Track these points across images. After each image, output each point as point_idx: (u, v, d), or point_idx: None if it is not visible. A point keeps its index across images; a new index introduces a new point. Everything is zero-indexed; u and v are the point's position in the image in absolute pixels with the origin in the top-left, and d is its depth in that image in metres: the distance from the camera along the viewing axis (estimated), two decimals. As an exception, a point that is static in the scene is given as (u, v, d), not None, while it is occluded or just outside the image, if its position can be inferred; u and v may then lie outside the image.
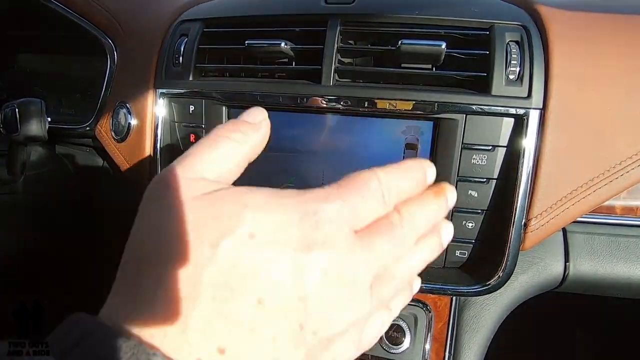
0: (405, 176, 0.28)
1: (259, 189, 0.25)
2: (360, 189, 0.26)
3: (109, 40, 0.70)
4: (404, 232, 0.26)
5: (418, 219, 0.27)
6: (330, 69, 0.52)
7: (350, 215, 0.25)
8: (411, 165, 0.29)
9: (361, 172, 0.27)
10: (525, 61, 0.49)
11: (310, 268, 0.23)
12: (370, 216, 0.26)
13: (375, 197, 0.26)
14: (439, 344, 0.56)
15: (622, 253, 0.57)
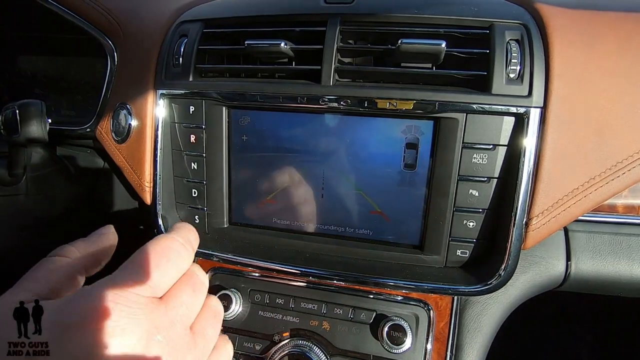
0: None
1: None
2: (141, 263, 0.33)
3: (109, 41, 0.70)
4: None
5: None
6: (330, 69, 0.51)
7: (140, 287, 0.31)
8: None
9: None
10: (526, 60, 0.49)
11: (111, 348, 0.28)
12: (162, 280, 0.33)
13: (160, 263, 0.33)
14: (441, 344, 0.56)
15: (624, 251, 0.56)
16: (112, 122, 0.65)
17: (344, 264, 0.56)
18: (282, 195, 0.57)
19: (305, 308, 0.58)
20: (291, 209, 0.58)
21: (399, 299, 0.57)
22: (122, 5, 0.71)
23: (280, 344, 0.57)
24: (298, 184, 0.56)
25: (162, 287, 0.32)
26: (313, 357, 0.55)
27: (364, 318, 0.56)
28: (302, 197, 0.57)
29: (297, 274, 0.56)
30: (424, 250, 0.54)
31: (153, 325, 0.30)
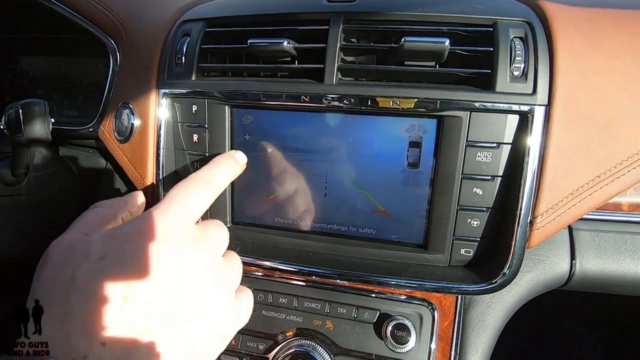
0: (217, 166, 0.45)
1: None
2: (184, 188, 0.40)
3: (112, 41, 0.70)
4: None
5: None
6: (333, 68, 0.51)
7: (183, 208, 0.37)
8: (220, 157, 0.47)
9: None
10: (530, 57, 0.48)
11: (161, 252, 0.33)
12: (201, 204, 0.39)
13: (197, 189, 0.40)
14: (445, 343, 0.55)
15: (630, 250, 0.56)
16: (114, 121, 0.65)
17: (348, 263, 0.55)
18: (285, 194, 0.57)
19: (308, 307, 0.58)
20: (294, 208, 0.58)
21: (402, 298, 0.57)
22: (124, 5, 0.71)
23: (284, 343, 0.57)
24: (301, 183, 0.56)
25: (197, 212, 0.39)
26: (317, 356, 0.55)
27: (368, 317, 0.56)
28: (305, 197, 0.57)
29: (300, 273, 0.56)
30: (428, 249, 0.54)
31: (194, 237, 0.36)
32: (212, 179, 0.42)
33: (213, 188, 0.42)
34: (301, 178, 0.56)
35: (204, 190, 0.40)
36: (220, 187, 0.43)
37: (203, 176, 0.42)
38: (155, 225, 0.34)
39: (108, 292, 0.30)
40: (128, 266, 0.32)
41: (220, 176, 0.44)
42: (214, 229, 0.40)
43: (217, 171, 0.44)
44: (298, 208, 0.57)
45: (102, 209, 0.41)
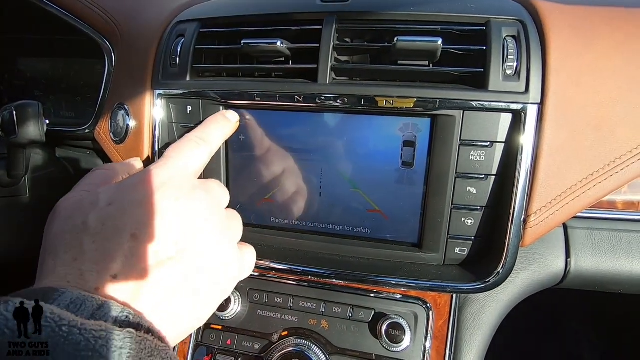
0: (209, 125, 0.48)
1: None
2: (179, 146, 0.43)
3: (107, 42, 0.70)
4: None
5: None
6: (327, 67, 0.51)
7: (180, 163, 0.40)
8: (212, 117, 0.51)
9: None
10: (523, 56, 0.48)
11: (162, 199, 0.35)
12: (196, 160, 0.43)
13: (191, 147, 0.43)
14: (440, 342, 0.56)
15: (624, 248, 0.56)
16: (110, 122, 0.65)
17: (343, 263, 0.56)
18: (279, 194, 0.57)
19: (303, 307, 0.58)
20: (289, 208, 0.58)
21: (397, 297, 0.57)
22: (119, 6, 0.71)
23: (279, 343, 0.57)
24: (296, 183, 0.56)
25: (192, 169, 0.42)
26: (312, 356, 0.55)
27: (363, 317, 0.56)
28: (299, 196, 0.57)
29: (295, 272, 0.56)
30: (423, 248, 0.54)
31: (192, 188, 0.38)
32: (205, 137, 0.45)
33: (207, 145, 0.44)
34: (296, 178, 0.56)
35: (198, 148, 0.43)
36: (214, 145, 0.46)
37: (197, 135, 0.44)
38: (154, 177, 0.37)
39: (118, 231, 0.32)
40: (135, 210, 0.34)
41: (213, 134, 0.46)
42: (213, 184, 0.41)
43: (210, 130, 0.46)
44: (293, 208, 0.58)
45: (103, 170, 0.43)
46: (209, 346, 0.60)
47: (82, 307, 0.28)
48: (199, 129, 0.47)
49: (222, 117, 0.50)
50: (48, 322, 0.25)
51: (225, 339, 0.59)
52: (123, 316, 0.29)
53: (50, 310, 0.25)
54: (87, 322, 0.26)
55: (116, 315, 0.28)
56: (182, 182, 0.38)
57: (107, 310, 0.28)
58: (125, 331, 0.27)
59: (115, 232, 0.32)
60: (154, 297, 0.32)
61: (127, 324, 0.28)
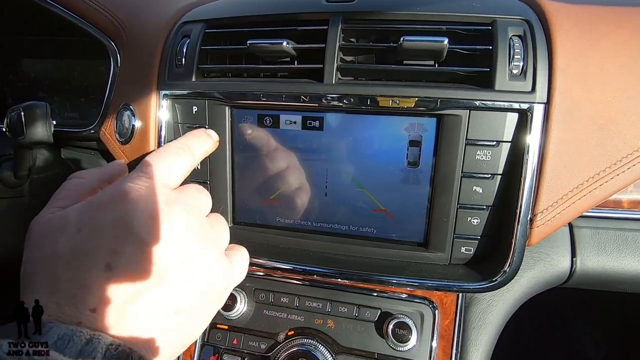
0: (192, 136, 0.45)
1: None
2: (157, 154, 0.39)
3: (112, 43, 0.70)
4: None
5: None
6: (333, 67, 0.51)
7: (156, 173, 0.36)
8: (193, 131, 0.47)
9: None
10: (529, 55, 0.48)
11: (135, 219, 0.33)
12: (176, 169, 0.39)
13: (171, 155, 0.39)
14: (446, 341, 0.56)
15: (630, 247, 0.56)
16: (115, 123, 0.65)
17: (348, 262, 0.56)
18: (285, 194, 0.57)
19: (309, 307, 0.58)
20: (295, 207, 0.58)
21: (403, 296, 0.57)
22: (124, 7, 0.71)
23: (286, 342, 0.57)
24: (301, 182, 0.56)
25: (173, 178, 0.39)
26: (318, 355, 0.55)
27: (369, 316, 0.56)
28: (305, 196, 0.57)
29: (301, 272, 0.56)
30: (429, 248, 0.54)
31: (168, 200, 0.35)
32: (185, 146, 0.42)
33: (187, 155, 0.41)
34: (301, 178, 0.56)
35: (178, 157, 0.40)
36: (194, 156, 0.42)
37: (176, 144, 0.41)
38: (127, 191, 0.34)
39: (90, 262, 0.31)
40: (105, 236, 0.32)
41: (194, 145, 0.43)
42: (191, 191, 0.39)
43: (190, 141, 0.43)
44: (299, 208, 0.58)
45: (78, 180, 0.41)
46: (215, 346, 0.60)
47: (70, 343, 0.27)
48: (179, 139, 0.43)
49: (202, 132, 0.47)
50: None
51: (232, 338, 0.60)
52: (112, 348, 0.28)
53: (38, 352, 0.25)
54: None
55: (105, 348, 0.28)
56: (158, 197, 0.35)
57: (95, 344, 0.27)
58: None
59: (87, 261, 0.31)
60: (139, 325, 0.31)
61: (117, 357, 0.28)
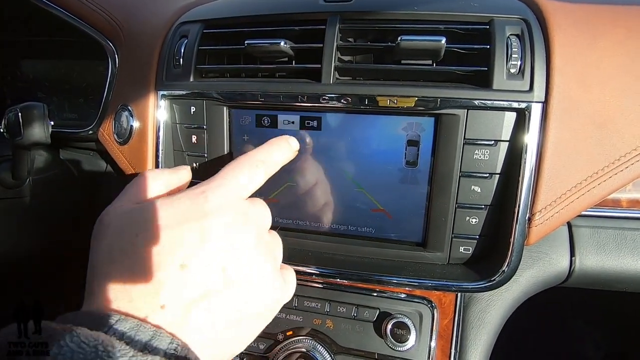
0: (271, 147, 0.44)
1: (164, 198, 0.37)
2: (236, 166, 0.39)
3: (110, 43, 0.70)
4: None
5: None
6: (330, 67, 0.51)
7: (234, 185, 0.38)
8: (275, 140, 0.45)
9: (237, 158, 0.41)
10: (526, 54, 0.48)
11: (212, 226, 0.34)
12: (251, 183, 0.40)
13: (249, 168, 0.40)
14: (445, 341, 0.56)
15: (629, 246, 0.56)
16: (114, 123, 0.65)
17: (347, 262, 0.56)
18: (283, 194, 0.57)
19: (308, 307, 0.58)
20: (293, 208, 0.58)
21: (402, 296, 0.57)
22: (122, 8, 0.71)
23: (284, 342, 0.57)
24: (299, 183, 0.56)
25: (247, 192, 0.40)
26: (317, 355, 0.55)
27: (368, 316, 0.56)
28: (303, 196, 0.57)
29: (299, 272, 0.56)
30: (427, 248, 0.54)
31: (244, 213, 0.37)
32: (265, 159, 0.42)
33: (266, 168, 0.42)
34: (299, 178, 0.56)
35: (257, 170, 0.41)
36: (272, 169, 0.43)
37: (257, 156, 0.42)
38: (209, 199, 0.35)
39: (167, 259, 0.32)
40: (185, 238, 0.33)
41: (273, 158, 0.44)
42: (261, 207, 0.41)
43: (270, 152, 0.44)
44: (297, 208, 0.58)
45: (151, 179, 0.41)
46: (213, 346, 0.60)
47: (135, 337, 0.28)
48: (260, 150, 0.43)
49: (284, 142, 0.46)
50: (110, 358, 0.25)
51: (230, 339, 0.60)
52: (172, 348, 0.29)
53: (111, 342, 0.26)
54: (144, 357, 0.26)
55: (165, 347, 0.29)
56: (236, 207, 0.37)
57: (158, 342, 0.28)
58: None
59: (164, 259, 0.32)
60: (199, 328, 0.32)
61: (175, 357, 0.29)
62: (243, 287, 0.35)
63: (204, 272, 0.33)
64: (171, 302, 0.31)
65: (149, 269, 0.32)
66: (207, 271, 0.33)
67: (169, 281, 0.31)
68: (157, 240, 0.33)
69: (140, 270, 0.32)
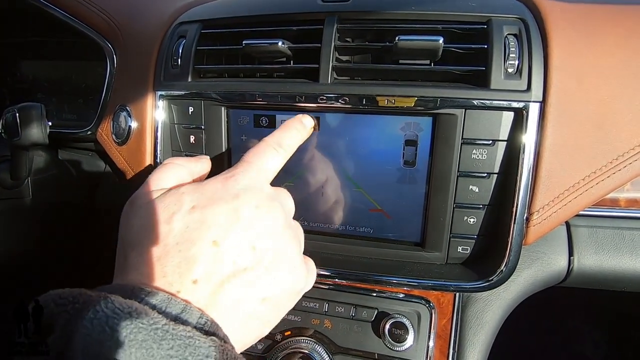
0: (287, 130, 0.46)
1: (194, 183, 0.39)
2: (259, 152, 0.42)
3: (108, 44, 0.70)
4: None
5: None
6: (328, 67, 0.51)
7: (260, 170, 0.40)
8: (289, 122, 0.47)
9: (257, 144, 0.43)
10: (524, 54, 0.48)
11: (243, 206, 0.36)
12: (274, 167, 0.42)
13: (270, 153, 0.42)
14: (443, 341, 0.56)
15: (628, 246, 0.56)
16: (112, 124, 0.65)
17: (345, 262, 0.56)
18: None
19: (306, 307, 0.58)
20: (291, 208, 0.58)
21: (400, 296, 0.57)
22: (120, 8, 0.71)
23: (283, 343, 0.57)
24: (297, 183, 0.56)
25: (270, 176, 0.42)
26: (315, 356, 0.55)
27: (366, 316, 0.56)
28: (301, 196, 0.57)
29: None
30: (425, 247, 0.54)
31: (270, 196, 0.39)
32: (283, 143, 0.44)
33: (284, 152, 0.44)
34: (297, 178, 0.56)
35: (277, 154, 0.43)
36: (290, 151, 0.45)
37: (275, 140, 0.44)
38: (235, 183, 0.37)
39: (201, 237, 0.33)
40: (217, 216, 0.34)
41: (290, 141, 0.46)
42: (285, 195, 0.42)
43: (287, 135, 0.46)
44: (295, 208, 0.58)
45: (177, 167, 0.43)
46: (212, 346, 0.60)
47: (166, 309, 0.29)
48: (277, 134, 0.45)
49: (299, 123, 0.48)
50: (143, 324, 0.26)
51: (229, 339, 0.60)
52: (201, 323, 0.29)
53: (145, 310, 0.27)
54: (176, 327, 0.27)
55: (195, 322, 0.29)
56: (262, 190, 0.38)
57: (188, 315, 0.29)
58: (209, 339, 0.27)
59: (198, 236, 0.33)
60: (228, 305, 0.33)
61: (205, 331, 0.29)
62: (272, 266, 0.36)
63: (235, 249, 0.34)
64: (203, 277, 0.32)
65: (181, 245, 0.33)
66: (238, 249, 0.34)
67: (202, 257, 0.32)
68: (191, 219, 0.34)
69: (174, 246, 0.33)
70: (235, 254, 0.34)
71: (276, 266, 0.36)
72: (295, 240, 0.39)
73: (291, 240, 0.38)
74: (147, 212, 0.36)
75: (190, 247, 0.33)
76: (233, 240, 0.34)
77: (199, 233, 0.33)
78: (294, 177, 0.56)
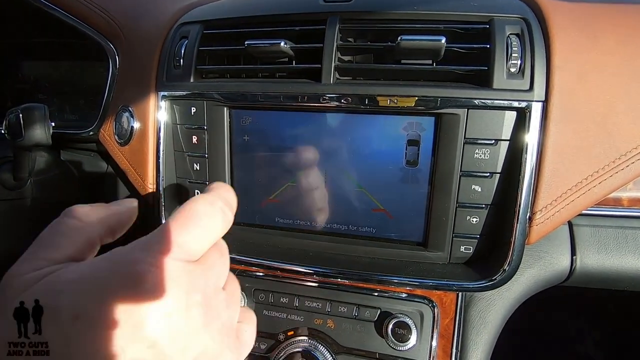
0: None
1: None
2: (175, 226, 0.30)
3: (111, 45, 0.71)
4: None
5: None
6: (330, 67, 0.51)
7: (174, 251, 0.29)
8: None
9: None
10: (526, 54, 0.48)
11: (147, 319, 0.26)
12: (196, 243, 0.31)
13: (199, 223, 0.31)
14: (446, 341, 0.55)
15: (630, 245, 0.56)
16: (114, 124, 0.65)
17: (348, 262, 0.56)
18: (284, 194, 0.57)
19: (309, 307, 0.58)
20: (294, 208, 0.58)
21: (403, 296, 0.57)
22: (122, 9, 0.71)
23: (286, 342, 0.57)
24: (300, 183, 0.56)
25: (198, 252, 0.31)
26: (318, 355, 0.55)
27: (369, 316, 0.56)
28: (304, 196, 0.57)
29: (301, 272, 0.56)
30: (428, 247, 0.54)
31: (192, 286, 0.29)
32: (216, 205, 0.33)
33: (230, 212, 0.35)
34: (300, 178, 0.56)
35: (225, 216, 0.33)
36: (226, 217, 0.35)
37: (222, 201, 0.34)
38: (140, 274, 0.27)
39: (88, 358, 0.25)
40: (109, 333, 0.25)
41: (228, 198, 0.36)
42: (214, 261, 0.32)
43: (226, 193, 0.35)
44: (298, 208, 0.58)
45: (75, 223, 0.32)
46: (215, 346, 0.60)
47: None
48: (219, 193, 0.35)
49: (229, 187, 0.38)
50: None
51: (231, 339, 0.60)
52: None
53: None
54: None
55: None
56: (178, 285, 0.28)
57: None
58: None
59: (84, 357, 0.25)
60: None
61: None
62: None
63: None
64: None
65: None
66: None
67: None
68: (73, 336, 0.25)
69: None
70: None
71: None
72: (222, 330, 0.32)
73: (218, 336, 0.31)
74: (10, 297, 0.27)
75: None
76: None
77: (84, 356, 0.25)
78: (296, 177, 0.56)
